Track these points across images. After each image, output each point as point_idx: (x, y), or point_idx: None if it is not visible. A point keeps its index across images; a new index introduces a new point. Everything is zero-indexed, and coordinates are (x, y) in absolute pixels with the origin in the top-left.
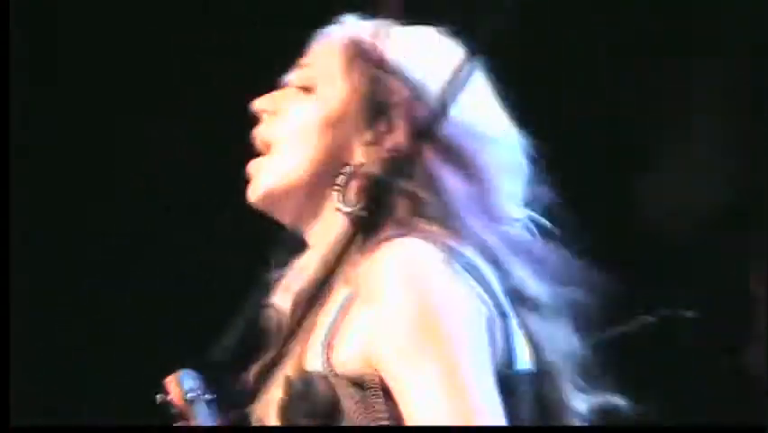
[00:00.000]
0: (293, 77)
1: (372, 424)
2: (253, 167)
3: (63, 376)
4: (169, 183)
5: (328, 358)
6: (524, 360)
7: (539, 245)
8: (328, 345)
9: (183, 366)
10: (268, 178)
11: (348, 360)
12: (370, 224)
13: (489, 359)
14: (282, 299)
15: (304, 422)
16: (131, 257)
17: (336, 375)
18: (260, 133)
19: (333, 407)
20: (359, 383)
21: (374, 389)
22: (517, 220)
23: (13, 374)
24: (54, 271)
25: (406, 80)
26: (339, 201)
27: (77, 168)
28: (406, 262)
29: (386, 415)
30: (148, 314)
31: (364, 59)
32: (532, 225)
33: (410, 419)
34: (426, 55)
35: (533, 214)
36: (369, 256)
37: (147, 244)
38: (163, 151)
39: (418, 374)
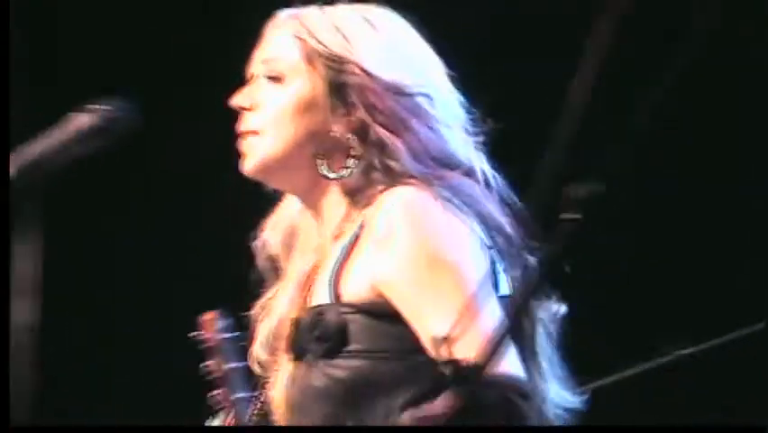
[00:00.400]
0: (259, 68)
1: (375, 349)
2: (244, 145)
3: (63, 376)
4: (166, 176)
5: (337, 291)
6: (505, 287)
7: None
8: (336, 281)
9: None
10: (257, 153)
11: (357, 291)
12: (355, 185)
13: (489, 280)
14: (271, 235)
15: (313, 348)
16: (130, 257)
17: (344, 304)
18: (245, 125)
19: (341, 333)
20: (367, 311)
21: (382, 314)
22: (472, 167)
23: (12, 374)
24: (54, 272)
25: (356, 62)
26: (324, 169)
27: (74, 166)
28: (409, 202)
29: (394, 339)
30: (148, 314)
31: (320, 50)
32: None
33: (424, 333)
34: (366, 31)
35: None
36: (370, 204)
37: (147, 244)
38: (165, 149)
39: (433, 294)
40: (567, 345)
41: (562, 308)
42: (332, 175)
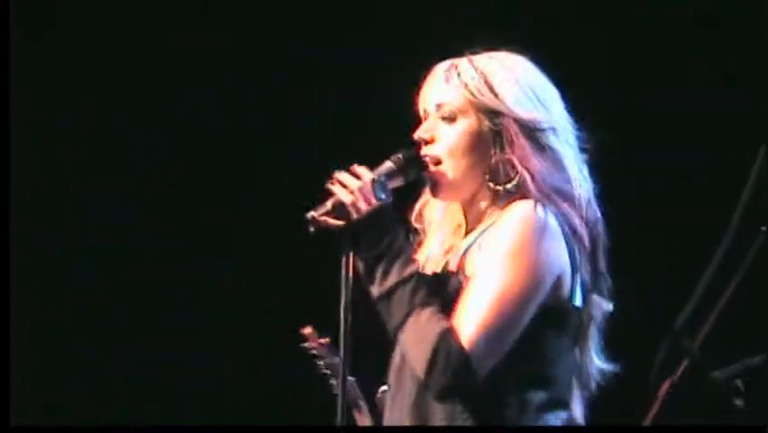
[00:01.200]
0: (432, 109)
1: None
2: (432, 173)
3: (63, 376)
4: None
5: (462, 262)
6: (579, 299)
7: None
8: (464, 254)
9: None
10: (444, 184)
11: (471, 264)
12: (505, 194)
13: (538, 296)
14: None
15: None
16: (130, 257)
17: (462, 274)
18: (427, 151)
19: (456, 294)
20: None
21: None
22: (580, 201)
23: (13, 374)
24: (54, 272)
25: (504, 112)
26: (491, 183)
27: (74, 166)
28: (524, 213)
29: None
30: (148, 314)
31: (477, 103)
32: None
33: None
34: (509, 81)
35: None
36: (505, 207)
37: (146, 243)
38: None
39: (490, 277)
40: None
41: (611, 306)
42: (496, 187)
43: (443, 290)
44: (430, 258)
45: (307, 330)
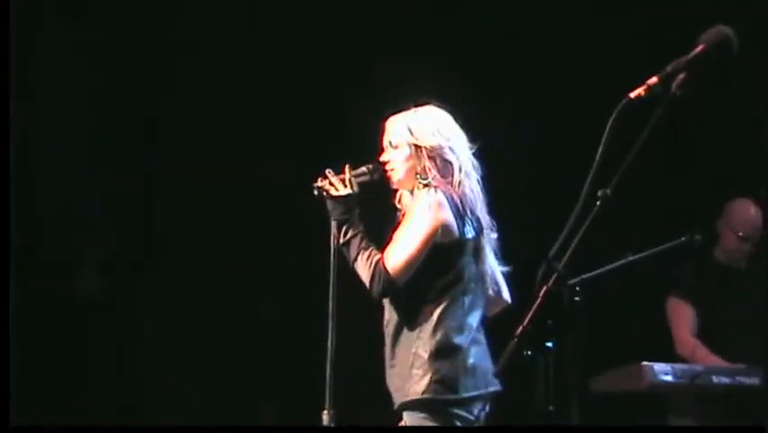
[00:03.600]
0: (387, 144)
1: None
2: (389, 177)
3: (63, 376)
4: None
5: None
6: (471, 233)
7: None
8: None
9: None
10: (394, 179)
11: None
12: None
13: (433, 238)
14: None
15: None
16: (130, 257)
17: None
18: (385, 167)
19: None
20: None
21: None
22: (471, 184)
23: (13, 374)
24: (55, 273)
25: (420, 145)
26: (419, 180)
27: (74, 164)
28: (433, 193)
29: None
30: (148, 314)
31: (408, 141)
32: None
33: (391, 244)
34: (424, 124)
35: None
36: (422, 192)
37: (147, 243)
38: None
39: (406, 229)
40: None
41: (495, 235)
42: (423, 181)
43: None
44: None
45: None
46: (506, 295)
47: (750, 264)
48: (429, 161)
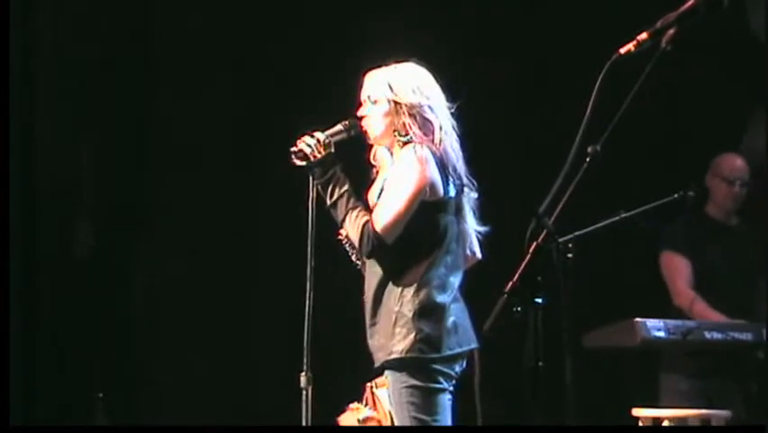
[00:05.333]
0: (365, 98)
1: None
2: (366, 133)
3: (63, 376)
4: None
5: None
6: (453, 192)
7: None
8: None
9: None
10: (371, 134)
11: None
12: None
13: (420, 196)
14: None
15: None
16: (130, 257)
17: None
18: (363, 122)
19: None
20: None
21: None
22: (451, 142)
23: (12, 374)
24: (55, 273)
25: (400, 102)
26: (397, 135)
27: (74, 163)
28: (419, 149)
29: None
30: (147, 314)
31: (387, 96)
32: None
33: (378, 206)
34: (403, 80)
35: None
36: (403, 147)
37: (145, 242)
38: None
39: (392, 191)
40: None
41: (476, 194)
42: (402, 139)
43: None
44: (378, 181)
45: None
46: (477, 252)
47: (741, 220)
48: (409, 117)
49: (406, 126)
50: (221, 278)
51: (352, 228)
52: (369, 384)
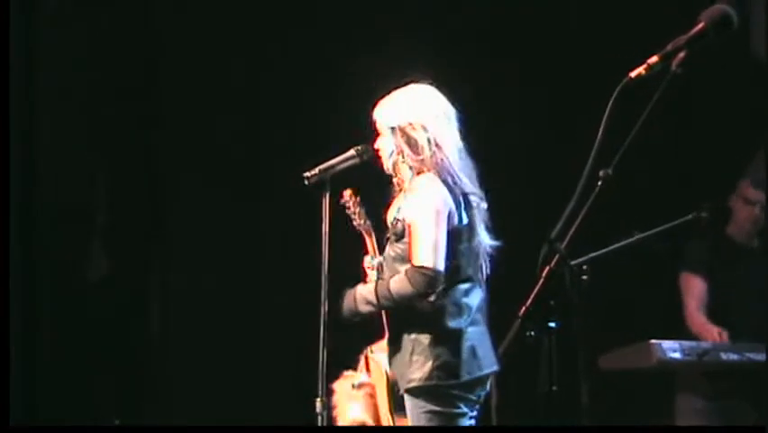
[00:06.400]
0: (377, 123)
1: (395, 258)
2: (377, 157)
3: (63, 376)
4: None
5: (401, 212)
6: (465, 220)
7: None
8: (401, 207)
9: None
10: (384, 160)
11: (406, 212)
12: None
13: (445, 227)
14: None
15: (392, 238)
16: (131, 257)
17: (404, 221)
18: (379, 151)
19: (403, 231)
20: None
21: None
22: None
23: (13, 374)
24: (55, 273)
25: (397, 126)
26: (401, 161)
27: (74, 162)
28: (425, 180)
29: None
30: (148, 314)
31: (391, 125)
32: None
33: (411, 248)
34: (406, 104)
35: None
36: (414, 178)
37: (146, 243)
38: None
39: (417, 225)
40: None
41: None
42: (411, 163)
43: (395, 230)
44: (392, 210)
45: (347, 192)
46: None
47: (762, 242)
48: (401, 138)
49: (400, 147)
50: (229, 289)
51: (401, 288)
52: (365, 351)
